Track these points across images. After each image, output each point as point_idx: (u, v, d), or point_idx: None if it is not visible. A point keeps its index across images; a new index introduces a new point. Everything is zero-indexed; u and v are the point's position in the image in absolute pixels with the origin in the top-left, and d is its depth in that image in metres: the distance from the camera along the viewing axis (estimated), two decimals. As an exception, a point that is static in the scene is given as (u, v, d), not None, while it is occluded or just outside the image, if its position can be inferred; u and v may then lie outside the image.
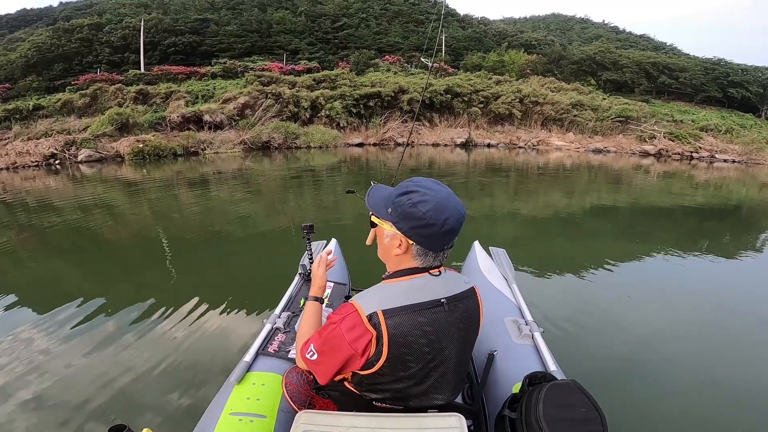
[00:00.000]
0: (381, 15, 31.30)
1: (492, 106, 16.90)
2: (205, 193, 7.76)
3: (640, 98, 20.96)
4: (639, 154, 14.14)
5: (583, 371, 2.03)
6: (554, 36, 38.95)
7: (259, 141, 13.83)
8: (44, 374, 2.19)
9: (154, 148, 12.24)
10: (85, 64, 21.69)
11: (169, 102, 15.64)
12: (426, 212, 0.87)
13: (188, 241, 4.68)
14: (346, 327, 0.88)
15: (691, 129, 15.18)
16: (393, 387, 0.92)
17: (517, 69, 23.18)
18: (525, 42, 31.05)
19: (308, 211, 6.10)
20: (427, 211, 0.87)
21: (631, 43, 41.94)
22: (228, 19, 26.43)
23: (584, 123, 16.24)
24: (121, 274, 3.80)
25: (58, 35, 22.33)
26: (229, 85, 17.44)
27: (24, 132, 13.08)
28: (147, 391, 2.06)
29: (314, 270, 1.22)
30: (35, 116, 14.37)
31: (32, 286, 3.56)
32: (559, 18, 56.28)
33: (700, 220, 6.08)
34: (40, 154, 11.77)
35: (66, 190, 8.53)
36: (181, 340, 2.51)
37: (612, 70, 23.89)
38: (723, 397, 2.08)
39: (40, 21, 31.91)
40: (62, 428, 1.83)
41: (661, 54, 30.65)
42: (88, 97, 15.20)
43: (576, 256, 4.23)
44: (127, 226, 5.57)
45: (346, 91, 16.21)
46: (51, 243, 4.87)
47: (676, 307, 3.10)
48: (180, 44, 23.31)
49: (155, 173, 10.14)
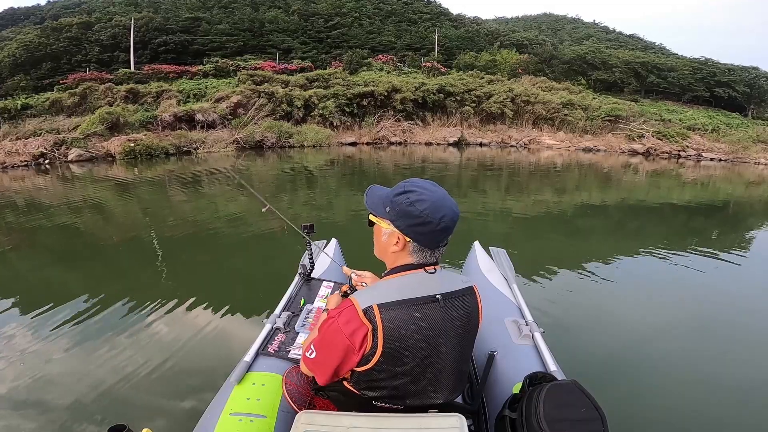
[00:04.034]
0: (374, 14, 31.32)
1: (484, 105, 17.02)
2: (199, 191, 7.73)
3: (630, 98, 21.23)
4: (628, 152, 14.35)
5: (583, 371, 2.02)
6: (546, 36, 39.25)
7: (252, 140, 13.77)
8: (41, 375, 2.18)
9: (146, 148, 12.13)
10: (74, 63, 21.42)
11: (160, 101, 15.49)
12: (423, 210, 0.91)
13: (185, 241, 4.65)
14: (343, 321, 0.90)
15: (679, 128, 15.42)
16: (390, 384, 0.94)
17: (508, 68, 23.36)
18: (517, 42, 31.29)
19: (304, 211, 6.11)
20: (424, 210, 0.91)
21: (621, 42, 42.43)
22: (220, 18, 26.27)
23: (575, 122, 16.42)
24: (117, 275, 3.75)
25: (46, 34, 22.02)
26: (221, 84, 17.34)
27: (12, 131, 12.86)
28: (147, 391, 2.05)
29: (337, 298, 1.31)
30: (23, 115, 14.15)
31: (25, 288, 3.51)
32: (550, 18, 56.72)
33: (690, 217, 6.20)
34: (29, 154, 11.59)
35: (56, 189, 8.44)
36: (180, 340, 2.51)
37: (602, 69, 24.16)
38: (723, 397, 2.08)
39: (27, 20, 31.39)
40: (61, 429, 1.82)
41: (650, 54, 31.07)
42: (77, 96, 14.99)
43: (576, 256, 4.22)
44: (120, 226, 5.53)
45: (339, 91, 16.21)
46: (41, 243, 4.82)
47: (676, 307, 3.11)
48: (171, 43, 23.12)
49: (147, 172, 10.06)
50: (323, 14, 28.79)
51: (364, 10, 31.04)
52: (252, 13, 27.56)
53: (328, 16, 28.73)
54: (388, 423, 0.91)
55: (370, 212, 1.03)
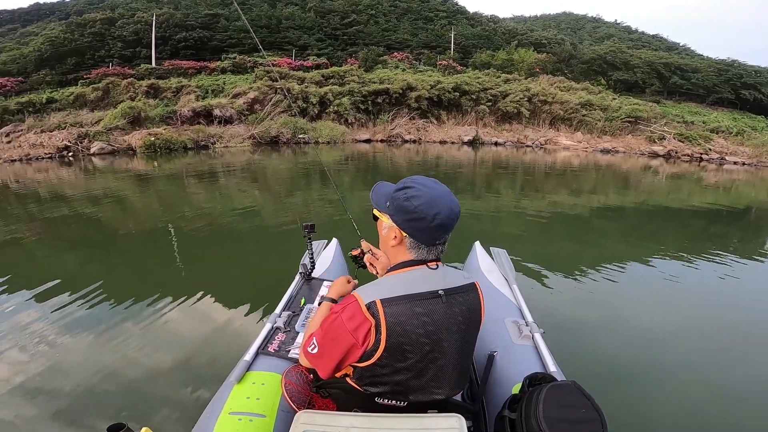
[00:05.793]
0: (390, 12, 31.25)
1: (500, 104, 16.83)
2: (211, 186, 7.87)
3: (651, 99, 20.74)
4: (648, 154, 14.02)
5: (583, 372, 2.03)
6: (565, 35, 38.58)
7: (268, 136, 13.93)
8: (36, 372, 2.17)
9: (166, 142, 12.40)
10: (97, 58, 21.97)
11: (179, 96, 15.79)
12: (418, 206, 0.93)
13: (189, 237, 4.69)
14: (346, 316, 0.92)
15: (702, 130, 14.98)
16: (393, 379, 0.94)
17: (526, 67, 23.02)
18: (535, 41, 30.80)
19: (311, 207, 6.16)
20: (418, 205, 0.93)
21: (643, 43, 41.42)
22: (238, 15, 26.56)
23: (593, 123, 16.11)
24: (121, 268, 3.78)
25: (71, 29, 22.62)
26: (238, 80, 17.56)
27: (37, 124, 13.29)
28: (146, 389, 2.04)
29: (342, 281, 1.29)
30: (48, 109, 14.61)
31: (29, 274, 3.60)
32: (570, 17, 55.70)
33: (707, 222, 6.04)
34: (53, 146, 11.97)
35: (78, 181, 8.69)
36: (180, 338, 2.50)
37: (623, 70, 23.65)
38: (723, 398, 2.07)
39: (52, 15, 32.31)
40: (60, 425, 1.83)
41: (674, 54, 30.26)
42: (100, 90, 15.39)
43: (577, 256, 4.23)
44: (132, 218, 5.66)
45: (354, 88, 16.25)
46: (60, 233, 4.98)
47: (677, 308, 3.09)
48: (190, 39, 23.50)
49: (166, 166, 10.28)
50: (339, 11, 28.86)
51: (380, 7, 30.99)
52: (269, 9, 27.83)
53: (344, 13, 28.79)
54: (387, 423, 0.91)
55: (374, 207, 1.07)
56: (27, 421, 1.85)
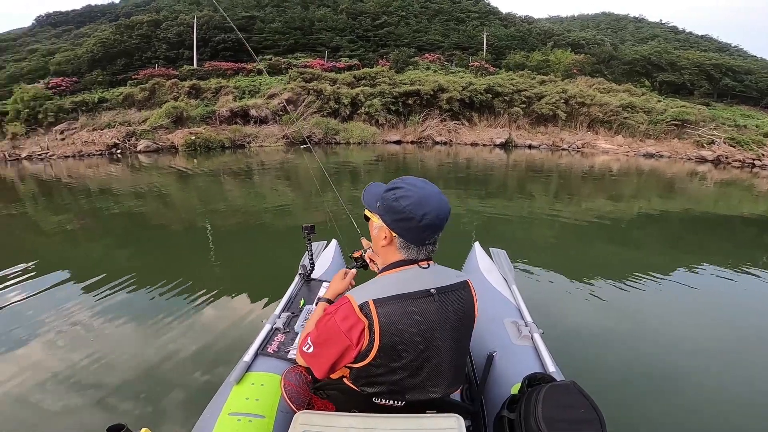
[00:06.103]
0: (421, 13, 31.13)
1: (535, 106, 16.40)
2: (244, 184, 8.10)
3: (700, 101, 19.56)
4: (695, 159, 13.25)
5: (582, 372, 2.04)
6: (604, 35, 37.07)
7: (300, 136, 14.24)
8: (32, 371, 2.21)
9: (205, 141, 12.94)
10: (144, 59, 23.10)
11: (218, 97, 16.41)
12: (406, 206, 0.93)
13: (194, 236, 4.82)
14: (340, 317, 0.92)
15: (755, 134, 13.99)
16: (388, 379, 0.94)
17: (562, 69, 22.29)
18: (572, 41, 29.78)
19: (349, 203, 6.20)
20: (407, 206, 0.93)
21: (691, 43, 39.09)
22: (273, 17, 27.28)
23: (635, 126, 15.38)
24: (124, 266, 3.82)
25: (120, 31, 23.92)
26: (273, 81, 18.03)
27: (89, 123, 14.20)
28: (145, 390, 2.05)
29: (338, 278, 1.26)
30: (100, 108, 15.55)
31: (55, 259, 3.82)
32: (609, 17, 53.39)
33: (732, 230, 5.64)
34: (103, 144, 12.75)
35: (124, 177, 9.20)
36: (179, 339, 2.50)
37: (669, 71, 22.41)
38: (722, 399, 2.05)
39: (103, 17, 34.22)
40: (57, 424, 1.85)
41: (725, 55, 28.45)
42: (147, 91, 16.24)
43: (576, 257, 4.21)
44: (169, 213, 5.94)
45: (385, 89, 16.32)
46: (104, 224, 5.28)
47: (677, 310, 3.07)
48: (229, 41, 24.28)
49: (205, 164, 10.72)
50: (370, 13, 29.04)
51: (411, 9, 30.92)
52: (302, 11, 28.39)
53: (375, 14, 28.93)
54: (385, 424, 0.91)
55: (366, 207, 1.08)
56: (26, 420, 1.89)
